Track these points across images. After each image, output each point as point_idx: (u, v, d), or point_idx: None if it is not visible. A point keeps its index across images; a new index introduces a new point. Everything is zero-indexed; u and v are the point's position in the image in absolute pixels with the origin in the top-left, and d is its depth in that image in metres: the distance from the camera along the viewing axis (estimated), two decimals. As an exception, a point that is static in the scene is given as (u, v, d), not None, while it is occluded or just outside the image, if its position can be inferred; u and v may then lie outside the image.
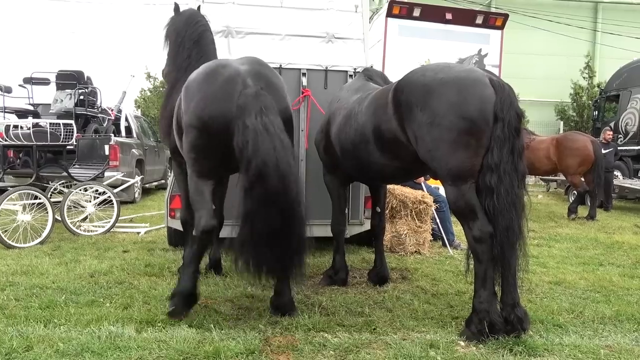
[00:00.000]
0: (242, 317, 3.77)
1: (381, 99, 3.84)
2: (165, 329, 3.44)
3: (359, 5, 5.93)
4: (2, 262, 5.31)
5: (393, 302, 4.21)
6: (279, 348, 3.20)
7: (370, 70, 4.89)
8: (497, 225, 3.25)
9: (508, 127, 3.22)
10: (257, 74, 3.63)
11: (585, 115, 19.90)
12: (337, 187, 4.71)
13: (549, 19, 19.99)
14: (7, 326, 3.44)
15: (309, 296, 4.32)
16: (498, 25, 9.49)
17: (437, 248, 6.56)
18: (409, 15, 9.10)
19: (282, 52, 5.72)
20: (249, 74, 3.59)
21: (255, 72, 3.64)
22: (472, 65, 4.08)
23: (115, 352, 3.06)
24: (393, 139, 3.69)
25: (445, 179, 3.39)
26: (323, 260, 5.67)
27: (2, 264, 5.26)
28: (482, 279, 3.34)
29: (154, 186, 13.54)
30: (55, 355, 3.01)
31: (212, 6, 5.65)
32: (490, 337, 3.30)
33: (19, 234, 6.36)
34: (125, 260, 5.56)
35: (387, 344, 3.29)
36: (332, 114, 4.53)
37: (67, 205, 7.15)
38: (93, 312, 3.76)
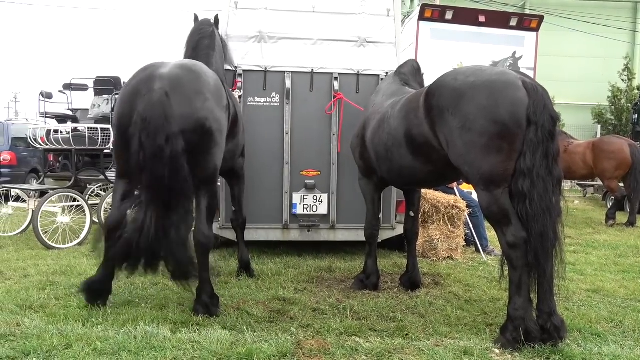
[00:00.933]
0: (274, 320, 3.80)
1: (413, 103, 3.83)
2: (199, 330, 3.49)
3: (391, 9, 5.92)
4: (43, 262, 5.48)
5: (425, 307, 4.18)
6: (311, 352, 3.20)
7: (407, 74, 4.85)
8: (531, 231, 3.19)
9: (542, 131, 3.16)
10: (170, 77, 3.61)
11: (624, 119, 19.32)
12: (371, 192, 4.71)
13: (585, 20, 19.53)
14: (47, 324, 3.54)
15: (340, 300, 4.32)
16: (533, 27, 9.31)
17: (470, 254, 6.47)
18: (442, 19, 9.01)
19: (314, 56, 5.76)
20: (161, 77, 3.60)
21: (169, 75, 3.63)
22: (506, 68, 4.02)
23: (151, 351, 3.12)
24: (425, 143, 3.67)
25: (477, 184, 3.35)
26: (354, 264, 5.66)
27: (43, 264, 5.43)
28: (517, 286, 3.28)
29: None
30: (94, 354, 3.09)
31: (245, 12, 5.73)
32: (526, 345, 3.24)
33: (59, 235, 6.55)
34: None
35: (420, 350, 3.26)
36: (367, 118, 4.54)
37: (104, 207, 7.34)
38: (129, 312, 3.84)
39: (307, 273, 5.24)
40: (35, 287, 4.46)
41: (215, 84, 3.86)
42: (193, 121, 3.57)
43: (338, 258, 5.93)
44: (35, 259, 5.70)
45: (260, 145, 5.79)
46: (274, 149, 5.80)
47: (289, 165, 5.81)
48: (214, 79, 3.90)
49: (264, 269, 5.30)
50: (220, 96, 3.86)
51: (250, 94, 5.76)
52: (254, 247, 6.20)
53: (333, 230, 5.93)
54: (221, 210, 5.82)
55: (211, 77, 3.87)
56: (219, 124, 3.74)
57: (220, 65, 4.97)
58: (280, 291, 4.52)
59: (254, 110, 5.77)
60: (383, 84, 4.82)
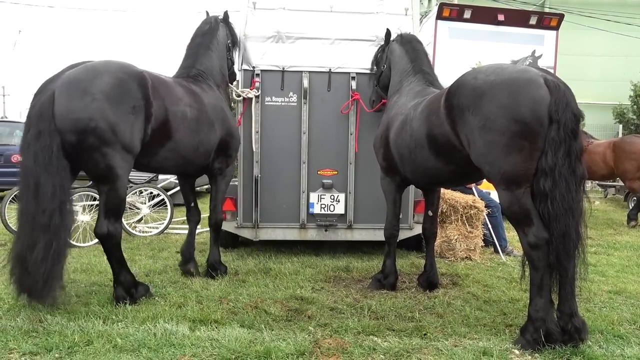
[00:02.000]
0: (292, 319, 3.81)
1: (434, 103, 3.80)
2: (217, 328, 3.52)
3: (408, 8, 5.88)
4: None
5: (444, 307, 4.15)
6: (329, 350, 3.20)
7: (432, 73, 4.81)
8: (553, 231, 3.14)
9: (564, 129, 3.10)
10: (64, 79, 3.77)
11: (647, 118, 19.00)
12: (393, 192, 4.69)
13: (607, 18, 19.21)
14: (69, 321, 3.60)
15: (358, 300, 4.31)
16: (553, 25, 9.18)
17: (489, 254, 6.41)
18: (460, 18, 8.93)
19: (331, 56, 5.75)
20: (58, 79, 3.81)
21: (66, 76, 3.79)
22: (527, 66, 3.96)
23: (171, 349, 3.15)
24: (447, 144, 3.65)
25: (498, 184, 3.31)
26: (371, 264, 5.64)
27: (64, 262, 5.50)
28: (538, 287, 3.24)
29: (204, 189, 13.82)
30: (114, 350, 3.13)
31: (263, 12, 5.75)
32: (547, 346, 3.20)
33: (79, 233, 6.64)
34: (179, 260, 5.69)
35: (439, 350, 3.24)
36: (390, 119, 4.51)
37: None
38: (149, 309, 3.88)
39: (324, 272, 5.25)
40: (56, 285, 4.52)
41: (116, 84, 3.83)
42: (72, 120, 3.67)
43: (355, 258, 5.92)
44: (56, 256, 5.77)
45: (277, 145, 5.80)
46: (292, 149, 5.81)
47: (306, 164, 5.82)
48: (118, 80, 3.85)
49: (281, 268, 5.31)
50: (121, 96, 3.83)
51: (268, 93, 5.77)
52: (272, 246, 6.23)
53: (350, 229, 5.92)
54: (239, 210, 5.85)
55: (112, 78, 3.83)
56: (109, 123, 3.74)
57: (213, 63, 5.03)
58: (298, 290, 4.53)
59: (271, 109, 5.79)
60: (406, 84, 4.74)
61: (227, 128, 4.93)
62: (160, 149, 4.27)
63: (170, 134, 4.27)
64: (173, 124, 4.26)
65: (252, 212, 5.82)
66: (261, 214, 5.84)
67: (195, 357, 3.05)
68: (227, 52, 5.31)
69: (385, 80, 5.16)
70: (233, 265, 5.47)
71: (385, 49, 5.19)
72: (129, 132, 3.86)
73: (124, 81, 3.88)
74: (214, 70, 5.02)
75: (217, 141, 4.79)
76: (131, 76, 3.96)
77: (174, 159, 4.43)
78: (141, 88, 3.96)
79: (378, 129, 4.81)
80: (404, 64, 4.88)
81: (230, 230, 5.97)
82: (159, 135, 4.16)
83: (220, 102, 4.93)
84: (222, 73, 5.16)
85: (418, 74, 4.75)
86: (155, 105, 4.06)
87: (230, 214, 5.93)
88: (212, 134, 4.71)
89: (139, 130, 3.94)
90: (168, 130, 4.24)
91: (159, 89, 4.17)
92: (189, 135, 4.42)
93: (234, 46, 5.39)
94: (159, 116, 4.11)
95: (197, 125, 4.51)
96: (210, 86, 4.91)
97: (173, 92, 4.35)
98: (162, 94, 4.17)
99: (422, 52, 4.97)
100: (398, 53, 4.99)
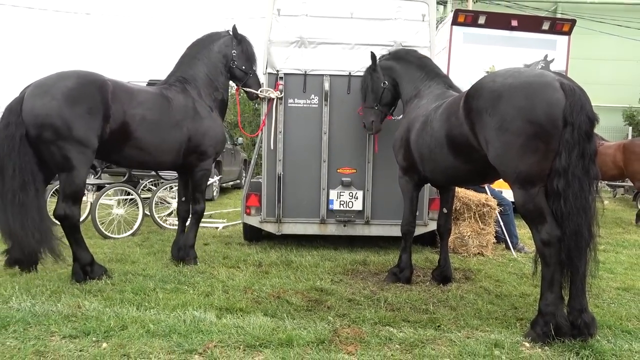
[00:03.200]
0: (312, 309, 3.82)
1: (454, 106, 3.78)
2: (242, 317, 3.54)
3: (425, 14, 5.84)
4: (100, 251, 5.66)
5: (457, 301, 4.12)
6: (347, 339, 3.21)
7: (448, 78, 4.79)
8: (565, 229, 3.10)
9: (578, 131, 3.05)
10: (35, 82, 4.31)
11: (656, 121, 18.56)
12: (411, 190, 4.67)
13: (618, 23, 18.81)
14: (105, 307, 3.66)
15: (375, 292, 4.31)
16: (565, 30, 9.03)
17: (500, 250, 6.34)
18: (474, 23, 8.83)
19: (351, 60, 5.74)
20: (34, 82, 4.33)
21: (38, 80, 4.32)
22: (543, 70, 3.90)
23: (199, 335, 3.18)
24: (465, 143, 3.62)
25: (513, 183, 3.28)
26: (387, 258, 5.63)
27: (100, 252, 5.61)
28: (549, 282, 3.20)
29: (230, 185, 13.94)
30: (147, 335, 3.17)
31: (287, 19, 5.76)
32: (556, 339, 3.16)
33: (114, 226, 6.76)
34: (206, 252, 5.78)
35: (452, 341, 3.22)
36: (411, 121, 4.47)
37: (155, 201, 7.53)
38: (178, 298, 3.93)
39: (342, 265, 5.25)
40: (93, 273, 4.61)
41: (75, 88, 4.22)
42: (32, 116, 4.12)
43: (372, 252, 5.91)
44: (93, 247, 5.84)
45: (299, 144, 5.82)
46: (313, 148, 5.83)
47: (326, 163, 5.83)
48: (78, 85, 4.25)
49: (302, 261, 5.33)
50: (78, 99, 4.20)
51: (290, 95, 5.80)
52: (293, 239, 6.26)
53: (367, 225, 5.91)
54: (263, 206, 5.89)
55: (73, 83, 4.25)
56: (63, 120, 4.13)
57: (197, 70, 5.16)
58: (318, 282, 4.54)
59: (294, 111, 5.81)
60: (424, 88, 4.69)
61: (197, 127, 5.02)
62: (124, 147, 4.59)
63: (130, 134, 4.55)
64: (132, 124, 4.55)
65: (275, 207, 5.85)
66: (283, 209, 5.87)
67: (222, 343, 3.08)
68: (226, 61, 5.33)
69: (389, 97, 5.08)
70: (257, 257, 5.51)
71: (377, 68, 5.05)
72: (83, 129, 4.21)
73: (83, 86, 4.28)
74: (197, 77, 5.15)
75: (184, 139, 4.94)
76: (92, 82, 4.34)
77: (139, 155, 4.73)
78: (100, 93, 4.32)
79: (397, 131, 4.78)
80: (412, 71, 4.83)
81: (254, 224, 6.02)
82: (119, 134, 4.49)
83: (192, 104, 5.03)
84: (210, 79, 5.22)
85: (436, 77, 4.71)
86: (114, 109, 4.39)
87: (254, 209, 5.98)
88: (177, 133, 4.89)
89: (95, 128, 4.26)
90: (127, 130, 4.52)
91: (120, 94, 4.48)
92: (149, 135, 4.68)
93: (243, 55, 5.39)
94: (118, 118, 4.43)
95: (158, 126, 4.74)
96: (185, 90, 5.05)
97: (134, 97, 4.62)
98: (121, 99, 4.49)
99: (426, 58, 4.96)
100: (400, 67, 4.93)
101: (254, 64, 5.51)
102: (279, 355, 2.93)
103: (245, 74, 5.44)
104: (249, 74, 5.46)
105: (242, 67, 5.40)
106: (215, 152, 5.28)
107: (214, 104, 5.25)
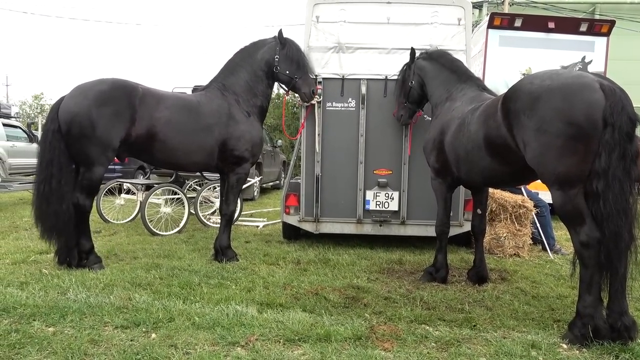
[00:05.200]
0: (349, 306, 3.81)
1: (491, 108, 3.69)
2: (282, 312, 3.56)
3: (461, 18, 5.74)
4: (149, 247, 5.82)
5: (493, 301, 4.02)
6: (383, 336, 3.18)
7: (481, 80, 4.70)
8: (605, 231, 2.97)
9: (619, 132, 2.92)
10: (77, 86, 4.62)
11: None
12: (444, 192, 4.59)
13: (659, 23, 17.94)
14: (154, 300, 3.75)
15: (410, 290, 4.26)
16: (604, 32, 8.67)
17: (537, 252, 6.16)
18: (510, 26, 8.60)
19: (388, 64, 5.70)
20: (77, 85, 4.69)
21: (79, 84, 4.65)
22: (582, 71, 3.76)
23: (241, 328, 3.22)
24: (503, 145, 3.53)
25: (552, 184, 3.17)
26: (423, 258, 5.56)
27: (149, 248, 5.76)
28: (588, 284, 3.08)
29: (269, 186, 14.07)
30: (192, 327, 3.23)
31: (325, 25, 5.77)
32: (595, 342, 3.04)
33: (162, 223, 6.93)
34: (247, 249, 5.85)
35: (488, 341, 3.14)
36: (445, 123, 4.39)
37: (199, 200, 7.68)
38: (222, 292, 3.99)
39: (378, 264, 5.21)
40: (142, 268, 4.73)
41: (107, 91, 4.53)
42: (65, 113, 4.44)
43: (407, 251, 5.85)
44: (142, 243, 6.06)
45: (337, 146, 5.83)
46: (350, 150, 5.82)
47: (363, 164, 5.81)
48: (109, 90, 4.55)
49: (339, 259, 5.32)
50: (107, 101, 4.49)
51: (329, 99, 5.81)
52: (331, 238, 6.26)
53: (403, 225, 5.85)
54: (301, 206, 5.92)
55: (105, 88, 4.55)
56: (90, 120, 4.42)
57: (240, 79, 5.22)
58: (354, 280, 4.53)
59: (332, 114, 5.82)
60: (456, 91, 4.60)
61: (232, 132, 5.07)
62: (152, 147, 4.79)
63: (155, 135, 4.73)
64: (157, 127, 4.71)
65: (313, 207, 5.87)
66: (321, 209, 5.88)
67: (263, 337, 3.10)
68: (268, 67, 5.30)
69: (415, 95, 5.04)
70: (295, 255, 5.53)
71: (412, 66, 5.01)
72: (106, 129, 4.48)
73: (114, 90, 4.56)
74: (236, 84, 5.21)
75: (215, 143, 5.03)
76: (122, 88, 4.61)
77: (167, 156, 4.91)
78: (128, 98, 4.58)
79: (429, 134, 4.70)
80: (445, 74, 4.72)
81: (293, 223, 6.05)
82: (146, 136, 4.70)
83: (227, 109, 5.09)
84: (250, 85, 5.25)
85: (468, 80, 4.60)
86: (140, 112, 4.62)
87: (293, 208, 6.01)
88: (207, 136, 4.98)
89: (118, 129, 4.52)
90: (153, 132, 4.72)
91: (147, 99, 4.71)
92: (176, 137, 4.83)
93: (287, 58, 5.31)
94: (144, 120, 4.65)
95: (184, 129, 4.86)
96: (221, 96, 5.13)
97: (161, 102, 4.80)
98: (149, 104, 4.69)
99: (459, 61, 4.84)
100: (431, 68, 4.84)
101: (300, 67, 5.35)
102: (317, 350, 2.93)
103: (290, 79, 5.34)
104: (295, 78, 5.34)
105: (287, 72, 5.31)
106: (251, 155, 5.30)
107: (253, 109, 5.28)
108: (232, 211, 5.36)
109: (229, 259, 5.14)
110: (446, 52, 5.01)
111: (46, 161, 4.49)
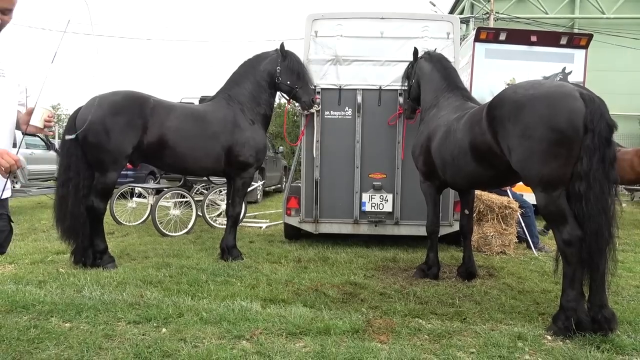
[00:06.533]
0: (347, 301, 3.80)
1: (476, 116, 3.69)
2: (284, 307, 3.55)
3: (450, 32, 5.76)
4: (159, 247, 5.80)
5: (481, 296, 4.02)
6: (379, 329, 3.17)
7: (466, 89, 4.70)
8: (586, 230, 2.97)
9: (598, 137, 2.93)
10: (97, 96, 4.63)
11: (672, 128, 17.65)
12: (433, 194, 4.59)
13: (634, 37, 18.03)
14: (164, 297, 3.73)
15: (404, 286, 4.25)
16: (582, 44, 8.70)
17: (522, 250, 6.15)
18: (496, 40, 8.62)
19: (382, 75, 5.73)
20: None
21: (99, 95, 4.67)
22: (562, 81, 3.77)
23: (246, 322, 3.21)
24: (488, 150, 3.53)
25: (536, 186, 3.17)
26: (416, 255, 5.55)
27: (159, 248, 5.74)
28: (570, 280, 3.08)
29: (272, 189, 14.05)
30: (201, 322, 3.21)
31: (323, 39, 5.79)
32: (577, 333, 3.03)
33: (171, 225, 6.91)
34: (251, 249, 5.83)
35: (477, 333, 3.14)
36: (432, 130, 4.38)
37: (206, 203, 7.66)
38: (227, 289, 3.98)
39: (374, 262, 5.20)
40: (153, 267, 4.71)
41: (121, 102, 4.59)
42: (82, 121, 4.40)
43: (401, 250, 5.84)
44: (153, 244, 6.04)
45: (334, 152, 5.83)
46: (347, 155, 5.82)
47: (359, 169, 5.81)
48: (123, 100, 4.61)
49: (337, 257, 5.31)
50: (121, 111, 4.55)
51: (327, 108, 5.81)
52: (329, 238, 6.25)
53: (397, 225, 5.85)
54: (301, 208, 5.91)
55: (119, 99, 4.61)
56: (104, 127, 4.46)
57: (245, 89, 5.21)
58: (352, 277, 4.52)
59: (330, 122, 5.83)
60: (443, 99, 4.58)
61: (237, 139, 5.08)
62: (162, 154, 4.82)
63: (165, 142, 4.76)
64: (167, 134, 4.75)
65: (313, 209, 5.87)
66: (320, 211, 5.88)
67: (267, 331, 3.09)
68: (270, 78, 5.27)
69: (414, 93, 5.04)
70: (296, 254, 5.52)
71: (414, 65, 5.02)
72: (120, 137, 4.52)
73: (127, 101, 4.62)
74: (241, 94, 5.20)
75: (221, 149, 5.03)
76: (135, 99, 4.67)
77: (177, 161, 4.93)
78: (140, 108, 4.63)
79: (416, 139, 4.68)
80: (436, 80, 4.67)
81: (294, 224, 6.05)
82: (157, 143, 4.73)
83: (233, 118, 5.09)
84: (254, 95, 5.23)
85: (454, 90, 4.56)
86: (152, 121, 4.66)
87: (294, 210, 6.01)
88: (214, 143, 4.99)
89: (131, 137, 4.56)
90: (163, 139, 4.75)
91: (158, 110, 4.75)
92: (184, 144, 4.85)
93: (288, 70, 5.28)
94: (155, 129, 4.69)
95: (192, 136, 4.88)
96: (227, 106, 5.13)
97: (171, 112, 4.83)
98: (160, 113, 4.73)
99: (452, 70, 4.80)
100: (428, 70, 4.79)
101: (300, 77, 5.34)
102: (318, 343, 2.92)
103: (291, 89, 5.33)
104: (295, 88, 5.32)
105: (287, 82, 5.29)
106: (256, 161, 5.29)
107: (257, 117, 5.28)
108: (238, 213, 5.35)
109: (234, 258, 5.12)
110: (444, 57, 4.92)
111: (64, 167, 4.55)
